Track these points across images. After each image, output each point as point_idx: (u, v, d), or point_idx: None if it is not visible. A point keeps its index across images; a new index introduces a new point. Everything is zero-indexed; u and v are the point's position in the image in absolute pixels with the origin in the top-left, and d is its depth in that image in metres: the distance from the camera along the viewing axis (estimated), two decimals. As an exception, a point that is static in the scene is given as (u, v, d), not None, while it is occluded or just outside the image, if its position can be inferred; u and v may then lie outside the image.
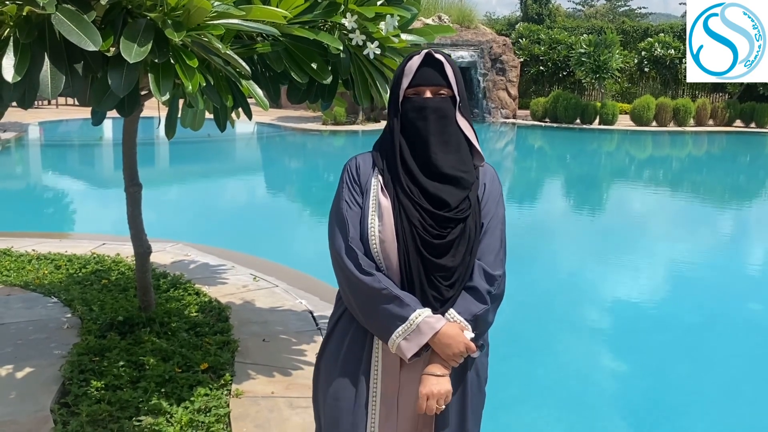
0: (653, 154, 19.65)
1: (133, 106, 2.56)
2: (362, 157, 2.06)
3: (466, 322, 1.89)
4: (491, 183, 2.03)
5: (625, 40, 28.50)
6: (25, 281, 5.11)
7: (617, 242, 9.07)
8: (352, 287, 1.91)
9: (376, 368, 1.96)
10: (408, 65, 1.98)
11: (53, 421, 3.16)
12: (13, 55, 2.19)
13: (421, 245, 1.88)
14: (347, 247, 1.92)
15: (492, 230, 1.98)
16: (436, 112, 1.94)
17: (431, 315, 1.87)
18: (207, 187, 12.78)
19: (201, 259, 6.00)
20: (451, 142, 1.94)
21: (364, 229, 1.93)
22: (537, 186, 14.24)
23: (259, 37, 2.86)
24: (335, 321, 2.06)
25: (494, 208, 1.99)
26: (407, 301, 1.86)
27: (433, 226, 1.88)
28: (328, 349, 2.07)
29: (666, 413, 4.28)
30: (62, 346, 3.95)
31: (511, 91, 24.58)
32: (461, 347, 1.86)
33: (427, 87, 1.95)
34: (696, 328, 5.79)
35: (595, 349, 5.27)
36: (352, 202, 1.97)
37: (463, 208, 1.91)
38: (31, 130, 17.53)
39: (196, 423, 3.16)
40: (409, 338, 1.85)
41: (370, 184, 1.98)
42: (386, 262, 1.91)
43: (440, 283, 1.89)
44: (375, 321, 1.89)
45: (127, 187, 4.11)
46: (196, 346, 3.93)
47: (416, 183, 1.91)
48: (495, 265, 1.95)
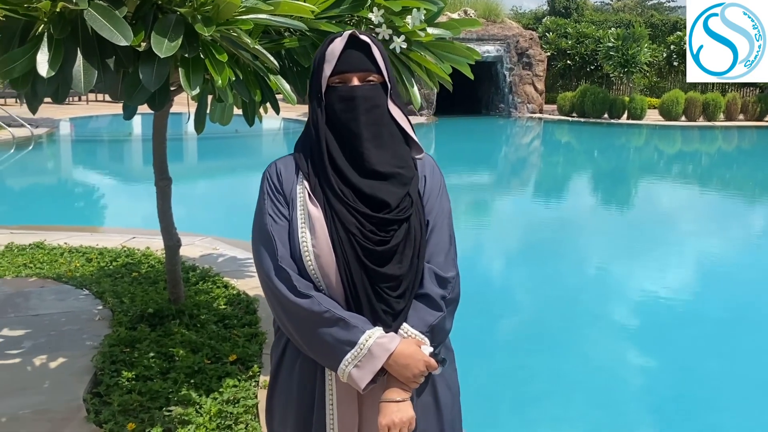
0: (682, 149, 19.41)
1: (164, 100, 2.60)
2: (283, 162, 1.81)
3: (422, 335, 1.68)
4: (431, 174, 1.82)
5: (654, 33, 28.20)
6: (58, 274, 5.21)
7: (645, 237, 8.99)
8: (288, 313, 1.66)
9: (330, 401, 1.72)
10: (329, 49, 1.72)
11: (86, 410, 3.22)
12: (47, 50, 2.23)
13: (363, 255, 1.65)
14: (277, 267, 1.67)
15: (439, 227, 1.76)
16: (366, 102, 1.71)
17: (383, 335, 1.64)
18: (235, 182, 12.89)
19: (229, 252, 6.06)
20: (384, 135, 1.72)
21: (294, 245, 1.68)
22: (564, 181, 14.14)
23: (287, 32, 2.89)
24: (279, 354, 1.82)
25: (438, 202, 1.79)
26: (353, 322, 1.63)
27: (373, 231, 1.66)
28: (278, 387, 1.84)
29: (694, 408, 4.25)
30: (94, 337, 4.03)
31: (537, 85, 24.47)
32: (421, 366, 1.65)
33: (354, 73, 1.71)
34: (725, 323, 5.72)
35: (623, 344, 5.24)
36: (277, 215, 1.73)
37: (404, 206, 1.69)
38: (62, 125, 17.81)
39: (225, 413, 3.20)
40: (361, 364, 1.61)
41: (295, 192, 1.74)
42: (325, 279, 1.67)
43: (389, 295, 1.66)
44: (319, 349, 1.65)
45: (157, 181, 4.17)
46: (224, 338, 3.98)
47: (348, 184, 1.68)
48: (446, 266, 1.75)
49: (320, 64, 1.73)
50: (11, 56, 2.25)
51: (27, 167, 13.69)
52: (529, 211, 10.95)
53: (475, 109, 25.79)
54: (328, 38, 1.74)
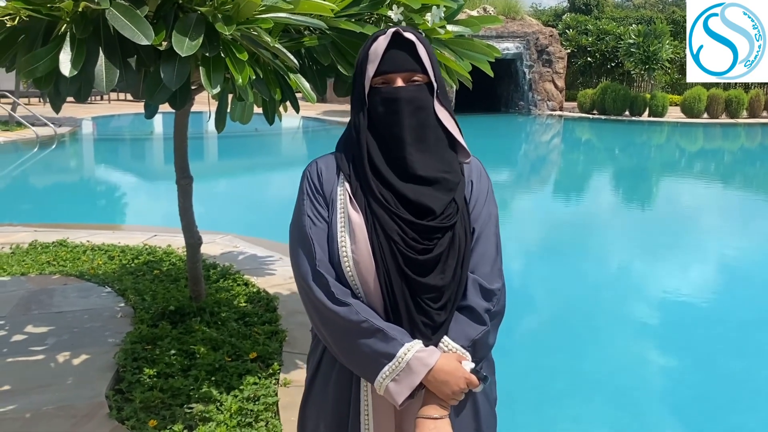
0: (704, 146, 19.21)
1: (185, 99, 2.62)
2: (324, 161, 1.73)
3: (464, 349, 1.61)
4: (479, 179, 1.73)
5: (675, 30, 27.87)
6: (80, 271, 5.27)
7: (667, 236, 8.90)
8: (324, 321, 1.60)
9: (366, 413, 1.65)
10: (372, 48, 1.64)
11: (108, 406, 3.26)
12: (69, 49, 2.26)
13: (404, 264, 1.57)
14: (315, 273, 1.60)
15: (485, 235, 1.68)
16: (410, 104, 1.63)
17: (422, 348, 1.56)
18: (255, 181, 12.95)
19: (249, 250, 6.09)
20: (429, 138, 1.64)
21: (333, 250, 1.61)
22: (585, 179, 14.05)
23: (306, 31, 2.89)
24: (317, 362, 1.76)
25: (485, 209, 1.70)
26: (392, 333, 1.56)
27: (416, 239, 1.58)
28: (312, 397, 1.78)
29: (717, 409, 4.20)
30: (116, 334, 4.06)
31: (557, 83, 24.33)
32: (461, 383, 1.56)
33: (398, 74, 1.63)
34: (748, 324, 5.65)
35: (644, 344, 5.19)
36: (317, 217, 1.66)
37: (449, 213, 1.61)
38: (85, 124, 18.00)
39: (246, 411, 3.22)
40: (399, 379, 1.54)
41: (336, 193, 1.66)
42: (363, 287, 1.60)
43: (430, 307, 1.59)
44: (356, 360, 1.59)
45: (179, 180, 4.20)
46: (245, 336, 4.00)
47: (390, 189, 1.60)
48: (492, 277, 1.66)
49: (363, 65, 1.65)
50: (35, 56, 2.28)
51: (50, 166, 13.85)
52: (549, 208, 10.89)
53: (495, 106, 25.70)
54: (372, 36, 1.67)
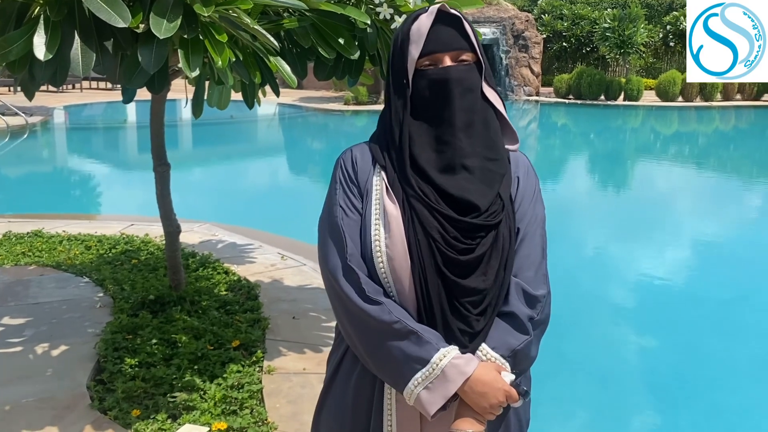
0: (679, 129, 19.41)
1: (163, 83, 2.57)
2: (359, 149, 1.61)
3: (504, 359, 1.46)
4: (526, 176, 1.60)
5: (650, 14, 28.01)
6: (57, 262, 5.19)
7: (644, 218, 8.99)
8: (353, 320, 1.49)
9: (390, 424, 1.52)
10: (415, 27, 1.50)
11: (90, 397, 3.22)
12: (44, 32, 2.20)
13: (443, 263, 1.45)
14: (345, 267, 1.49)
15: (530, 237, 1.54)
16: (460, 85, 1.50)
17: (459, 355, 1.43)
18: (231, 169, 12.85)
19: (228, 238, 6.04)
20: (476, 123, 1.52)
21: (366, 243, 1.49)
22: (561, 163, 14.12)
23: (286, 13, 2.85)
24: (336, 365, 1.64)
25: (532, 208, 1.56)
26: (427, 337, 1.43)
27: (457, 238, 1.45)
28: (329, 402, 1.66)
29: (696, 388, 4.26)
30: (96, 324, 4.01)
31: (534, 68, 24.37)
32: (500, 396, 1.42)
33: (446, 53, 1.50)
34: (726, 303, 5.74)
35: (623, 325, 5.25)
36: (350, 208, 1.53)
37: (495, 210, 1.48)
38: (56, 114, 17.69)
39: (230, 399, 3.19)
40: (432, 387, 1.41)
41: (371, 183, 1.54)
42: (396, 285, 1.48)
43: (468, 312, 1.46)
44: (385, 364, 1.45)
45: (156, 167, 4.14)
46: (227, 324, 3.96)
47: (430, 182, 1.48)
48: (537, 283, 1.51)
49: (404, 45, 1.52)
50: (8, 39, 2.22)
51: (22, 156, 13.61)
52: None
53: (472, 92, 25.72)
54: (411, 16, 1.54)
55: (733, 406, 4.06)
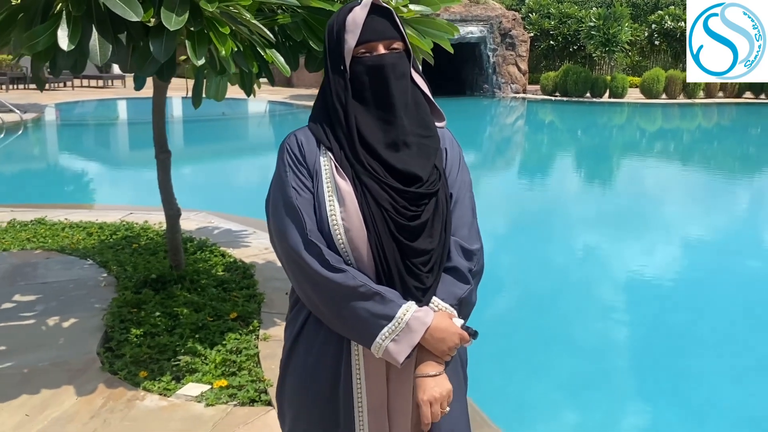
0: (663, 126, 19.79)
1: (171, 72, 2.88)
2: (303, 133, 1.72)
3: (452, 308, 1.67)
4: (451, 147, 1.79)
5: (635, 13, 28.46)
6: (61, 246, 5.46)
7: (621, 206, 9.36)
8: (318, 289, 1.62)
9: (358, 378, 1.67)
10: (350, 18, 1.64)
11: (100, 362, 3.51)
12: (66, 26, 2.50)
13: (396, 230, 1.61)
14: (306, 242, 1.61)
15: (461, 200, 1.74)
16: (394, 70, 1.66)
17: (419, 309, 1.62)
18: (225, 163, 13.12)
19: (223, 225, 6.32)
20: (410, 104, 1.69)
21: (322, 219, 1.63)
22: (548, 160, 14.46)
23: (280, 9, 3.15)
24: (297, 331, 1.75)
25: (459, 175, 1.76)
26: (390, 296, 1.60)
27: (405, 206, 1.62)
28: (292, 367, 1.76)
29: (662, 356, 4.60)
30: (101, 300, 4.29)
31: (521, 66, 24.72)
32: (456, 339, 1.63)
33: (380, 42, 1.65)
34: (694, 282, 6.17)
35: (598, 301, 5.61)
36: (301, 188, 1.65)
37: (434, 180, 1.66)
38: (48, 111, 17.90)
39: (229, 362, 3.49)
40: (398, 339, 1.59)
41: (320, 164, 1.66)
42: (354, 253, 1.63)
43: (420, 270, 1.64)
44: (353, 324, 1.61)
45: (158, 155, 4.42)
46: (225, 299, 4.26)
47: (377, 158, 1.64)
48: (471, 239, 1.73)
49: (340, 35, 1.65)
50: (35, 32, 2.52)
51: (18, 151, 13.84)
52: (514, 188, 11.26)
53: (460, 90, 26.03)
54: (344, 8, 1.67)
55: (695, 370, 4.41)
